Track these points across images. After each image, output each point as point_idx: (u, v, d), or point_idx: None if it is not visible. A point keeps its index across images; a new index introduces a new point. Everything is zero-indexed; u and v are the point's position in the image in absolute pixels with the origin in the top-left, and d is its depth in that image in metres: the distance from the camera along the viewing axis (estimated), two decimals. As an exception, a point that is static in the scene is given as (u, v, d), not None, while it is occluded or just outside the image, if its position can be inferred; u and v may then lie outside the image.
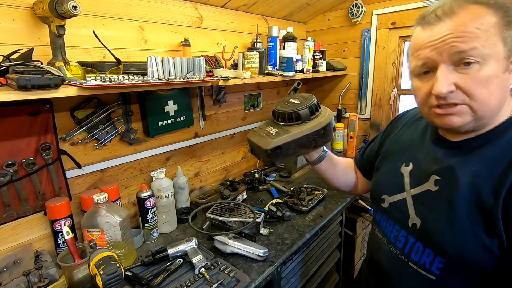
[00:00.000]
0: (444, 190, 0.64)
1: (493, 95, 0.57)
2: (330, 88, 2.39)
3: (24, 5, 0.99)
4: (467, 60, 0.55)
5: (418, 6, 1.84)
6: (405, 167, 0.76)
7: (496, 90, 0.57)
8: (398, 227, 0.74)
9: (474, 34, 0.54)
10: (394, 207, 0.76)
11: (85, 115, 1.22)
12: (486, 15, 0.55)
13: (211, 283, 1.00)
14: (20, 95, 0.76)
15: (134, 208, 1.45)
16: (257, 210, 1.37)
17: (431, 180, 0.67)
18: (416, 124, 0.82)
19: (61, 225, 1.13)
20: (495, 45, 0.54)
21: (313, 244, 1.46)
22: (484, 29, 0.54)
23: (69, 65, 0.92)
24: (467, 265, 0.61)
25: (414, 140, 0.79)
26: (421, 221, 0.68)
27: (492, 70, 0.55)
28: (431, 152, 0.71)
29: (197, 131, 1.70)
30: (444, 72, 0.57)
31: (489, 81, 0.55)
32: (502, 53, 0.55)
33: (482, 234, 0.58)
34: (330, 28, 2.27)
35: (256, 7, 1.80)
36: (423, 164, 0.71)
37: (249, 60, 1.45)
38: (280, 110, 0.87)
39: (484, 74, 0.55)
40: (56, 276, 1.03)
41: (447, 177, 0.65)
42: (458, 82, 0.56)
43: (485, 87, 0.56)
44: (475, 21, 0.54)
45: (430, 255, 0.66)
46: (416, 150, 0.76)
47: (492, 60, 0.55)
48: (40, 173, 1.12)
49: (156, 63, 1.03)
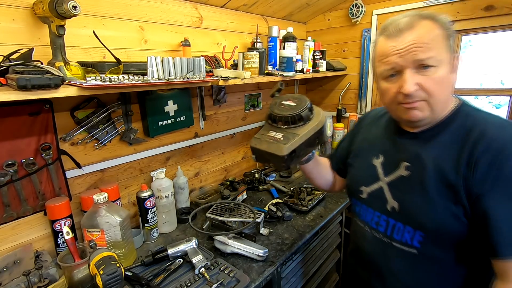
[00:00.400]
0: (414, 174, 0.76)
1: (443, 93, 0.71)
2: (330, 88, 2.39)
3: (24, 5, 0.99)
4: (426, 64, 0.69)
5: (418, 6, 1.84)
6: (376, 160, 0.87)
7: (446, 88, 0.72)
8: (379, 213, 0.83)
9: (430, 44, 0.68)
10: (372, 195, 0.85)
11: (85, 115, 1.22)
12: (435, 29, 0.69)
13: (211, 283, 1.00)
14: (20, 95, 0.76)
15: (134, 208, 1.45)
16: (257, 210, 1.37)
17: (402, 167, 0.79)
18: (379, 122, 0.94)
19: (61, 225, 1.13)
20: (443, 52, 0.69)
21: (313, 244, 1.46)
22: (436, 40, 0.69)
23: (69, 65, 0.92)
24: (442, 234, 0.71)
25: (380, 136, 0.90)
26: (398, 204, 0.78)
27: (444, 72, 0.70)
28: (397, 144, 0.83)
29: (197, 131, 1.70)
30: (410, 75, 0.70)
31: (442, 80, 0.70)
32: (448, 58, 0.70)
33: (450, 205, 0.69)
34: (330, 28, 2.27)
35: (256, 7, 1.80)
36: (392, 154, 0.83)
37: (249, 60, 1.45)
38: (281, 113, 0.86)
39: (439, 75, 0.69)
40: (56, 276, 1.03)
41: (415, 163, 0.76)
42: (421, 82, 0.70)
43: (440, 86, 0.70)
44: (429, 33, 0.69)
45: (410, 231, 0.76)
46: (383, 143, 0.87)
47: (443, 64, 0.69)
48: (40, 173, 1.12)
49: (156, 63, 1.03)
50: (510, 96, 1.71)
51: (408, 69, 0.70)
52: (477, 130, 0.69)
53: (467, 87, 1.88)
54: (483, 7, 1.64)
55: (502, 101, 2.55)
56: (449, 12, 1.76)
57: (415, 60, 0.69)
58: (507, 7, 1.58)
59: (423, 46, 0.68)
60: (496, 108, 2.66)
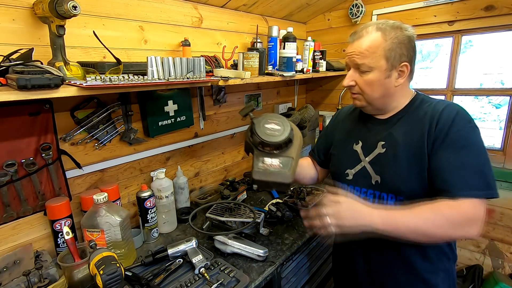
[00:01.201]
0: (389, 150, 0.92)
1: (375, 91, 0.91)
2: (330, 88, 2.39)
3: (24, 5, 0.99)
4: (360, 68, 0.90)
5: (418, 6, 1.84)
6: (356, 145, 1.02)
7: (378, 89, 0.90)
8: (365, 189, 0.98)
9: (364, 54, 0.87)
10: (358, 175, 0.99)
11: (85, 115, 1.22)
12: (377, 41, 0.86)
13: (211, 283, 1.00)
14: (20, 95, 0.76)
15: (134, 208, 1.45)
16: (257, 210, 1.37)
17: (379, 146, 0.95)
18: (352, 115, 1.11)
19: (61, 225, 1.13)
20: (378, 61, 0.87)
21: (313, 244, 1.46)
22: (372, 51, 0.86)
23: (69, 65, 0.92)
24: (414, 195, 0.85)
25: (355, 126, 1.06)
26: (380, 177, 0.93)
27: (375, 77, 0.88)
28: (372, 129, 0.99)
29: (197, 131, 1.70)
30: (350, 73, 0.93)
31: (372, 82, 0.89)
32: (384, 66, 0.87)
33: (418, 169, 0.86)
34: (330, 28, 2.27)
35: (256, 7, 1.80)
36: (369, 137, 0.99)
37: (249, 60, 1.45)
38: (273, 140, 0.89)
39: (369, 78, 0.89)
40: (56, 276, 1.03)
41: (388, 140, 0.93)
42: (356, 80, 0.92)
43: (369, 86, 0.90)
44: (370, 44, 0.87)
45: (393, 197, 0.91)
46: (360, 131, 1.03)
47: (376, 70, 0.88)
48: (40, 173, 1.12)
49: (156, 63, 1.03)
50: (510, 96, 1.71)
51: (352, 69, 0.93)
52: (434, 111, 0.87)
53: (467, 87, 1.88)
54: (483, 7, 1.64)
55: (502, 101, 2.55)
56: (449, 12, 1.76)
57: (354, 63, 0.91)
58: (507, 7, 1.58)
59: (360, 54, 0.88)
60: (496, 108, 2.65)
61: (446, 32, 1.82)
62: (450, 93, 1.90)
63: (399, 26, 0.88)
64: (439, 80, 1.97)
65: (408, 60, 0.88)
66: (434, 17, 1.81)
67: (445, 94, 1.91)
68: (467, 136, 0.82)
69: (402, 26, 0.88)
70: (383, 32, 0.86)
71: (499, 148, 1.79)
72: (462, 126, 0.83)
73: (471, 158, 0.81)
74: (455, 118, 0.83)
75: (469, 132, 0.83)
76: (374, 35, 0.87)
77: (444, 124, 0.84)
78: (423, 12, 1.84)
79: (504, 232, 1.80)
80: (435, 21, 1.81)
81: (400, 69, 0.89)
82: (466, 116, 0.85)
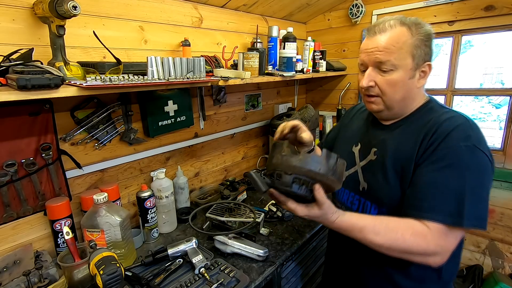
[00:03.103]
0: (379, 157, 0.87)
1: (397, 93, 0.81)
2: (330, 88, 2.39)
3: (24, 5, 0.99)
4: (383, 66, 0.79)
5: (418, 6, 1.84)
6: (355, 147, 0.98)
7: (400, 90, 0.81)
8: (353, 194, 0.95)
9: (390, 50, 0.77)
10: (350, 178, 0.95)
11: (85, 115, 1.22)
12: (405, 37, 0.77)
13: (211, 283, 1.00)
14: (20, 95, 0.76)
15: (134, 208, 1.45)
16: (257, 210, 1.37)
17: (372, 152, 0.90)
18: (362, 115, 1.05)
19: (61, 225, 1.13)
20: (404, 59, 0.78)
21: (313, 244, 1.46)
22: (399, 47, 0.77)
23: (69, 65, 0.92)
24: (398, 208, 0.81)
25: (360, 127, 1.01)
26: (367, 184, 0.90)
27: (399, 76, 0.79)
28: (371, 133, 0.94)
29: (197, 131, 1.70)
30: (369, 72, 0.82)
31: (396, 83, 0.80)
32: (410, 65, 0.79)
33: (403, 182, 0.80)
34: (330, 28, 2.27)
35: (256, 7, 1.80)
36: (366, 142, 0.94)
37: (249, 60, 1.45)
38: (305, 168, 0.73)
39: (393, 78, 0.79)
40: (56, 276, 1.03)
41: (380, 148, 0.88)
42: (376, 80, 0.81)
43: (392, 87, 0.80)
44: (394, 40, 0.77)
45: (376, 208, 0.87)
46: (362, 133, 0.98)
47: (401, 69, 0.79)
48: (40, 173, 1.12)
49: (156, 63, 1.03)
50: (510, 96, 1.71)
51: (370, 67, 0.82)
52: (435, 121, 0.79)
53: (467, 87, 1.88)
54: (483, 7, 1.64)
55: (502, 101, 2.55)
56: (449, 12, 1.76)
57: (375, 61, 0.80)
58: (507, 7, 1.58)
59: (384, 50, 0.78)
60: (496, 108, 2.65)
61: (446, 32, 1.82)
62: (450, 93, 1.90)
63: (420, 22, 0.80)
64: (439, 80, 1.97)
65: (430, 60, 0.81)
66: (434, 17, 1.81)
67: (445, 94, 1.91)
68: (456, 155, 0.73)
69: (422, 22, 0.80)
70: (408, 27, 0.78)
71: (499, 148, 1.79)
72: (454, 143, 0.73)
73: (451, 180, 0.72)
74: (450, 133, 0.74)
75: (462, 151, 0.72)
76: (399, 29, 0.78)
77: (437, 137, 0.76)
78: (423, 12, 1.84)
79: (504, 232, 1.81)
80: (435, 21, 1.81)
81: (422, 69, 0.81)
82: (465, 132, 0.74)
